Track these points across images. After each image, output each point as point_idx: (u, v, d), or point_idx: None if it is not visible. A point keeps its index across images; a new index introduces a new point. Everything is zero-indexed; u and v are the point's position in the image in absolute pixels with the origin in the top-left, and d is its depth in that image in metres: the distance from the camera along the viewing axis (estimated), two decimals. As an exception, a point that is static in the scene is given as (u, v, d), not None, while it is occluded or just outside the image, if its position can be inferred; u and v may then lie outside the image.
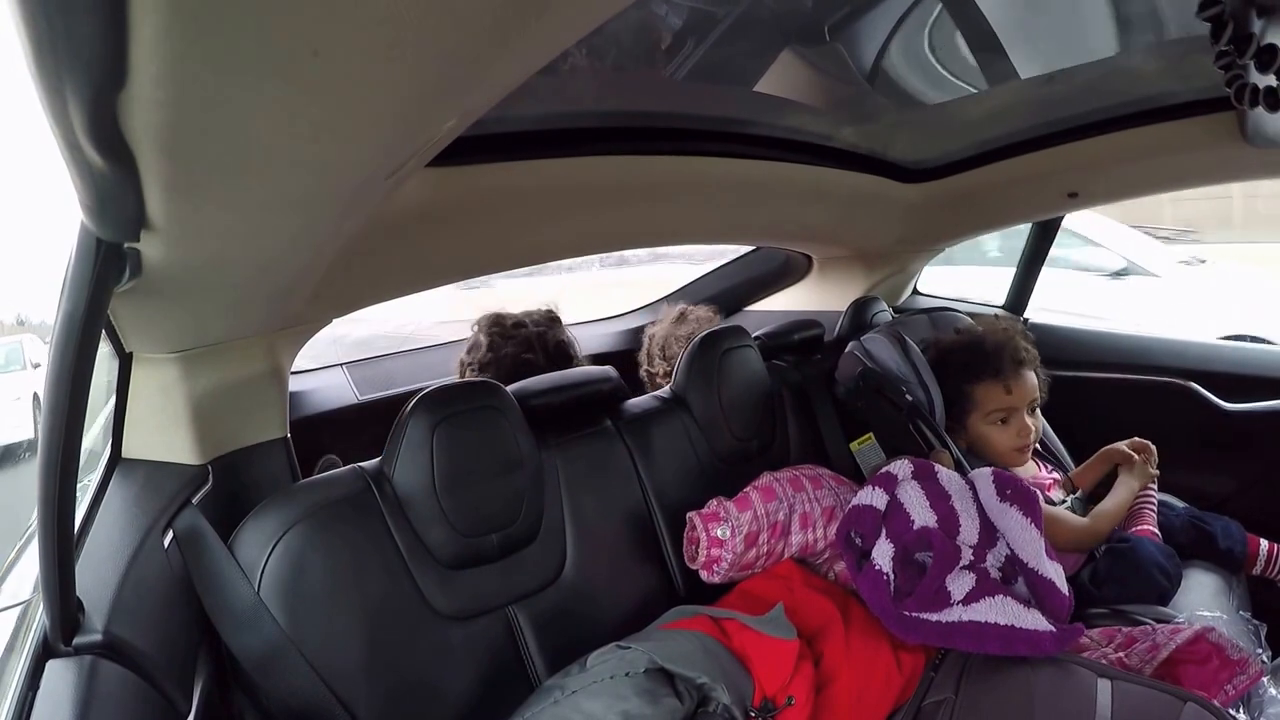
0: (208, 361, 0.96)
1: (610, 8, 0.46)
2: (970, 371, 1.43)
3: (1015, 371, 1.41)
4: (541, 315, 1.52)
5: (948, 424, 1.47)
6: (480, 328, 1.49)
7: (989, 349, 1.43)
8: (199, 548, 0.89)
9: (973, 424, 1.44)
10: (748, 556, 1.15)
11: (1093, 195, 1.68)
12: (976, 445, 1.45)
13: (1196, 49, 1.06)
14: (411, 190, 0.95)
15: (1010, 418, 1.41)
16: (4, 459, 4.89)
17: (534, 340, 1.45)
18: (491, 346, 1.44)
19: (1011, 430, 1.41)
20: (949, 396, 1.47)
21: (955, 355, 1.47)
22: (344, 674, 0.90)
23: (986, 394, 1.41)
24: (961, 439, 1.46)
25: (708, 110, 1.30)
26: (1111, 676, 0.96)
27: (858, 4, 1.12)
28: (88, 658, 0.68)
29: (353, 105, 0.46)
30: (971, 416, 1.44)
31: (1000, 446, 1.42)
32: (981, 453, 1.44)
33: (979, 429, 1.44)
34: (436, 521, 0.99)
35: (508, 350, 1.42)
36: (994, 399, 1.41)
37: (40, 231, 3.39)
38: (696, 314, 1.78)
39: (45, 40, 0.34)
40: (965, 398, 1.44)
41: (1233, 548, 1.41)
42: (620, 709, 0.84)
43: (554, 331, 1.49)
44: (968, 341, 1.48)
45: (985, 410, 1.42)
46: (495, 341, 1.44)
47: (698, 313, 1.79)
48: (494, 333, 1.46)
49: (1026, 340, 1.46)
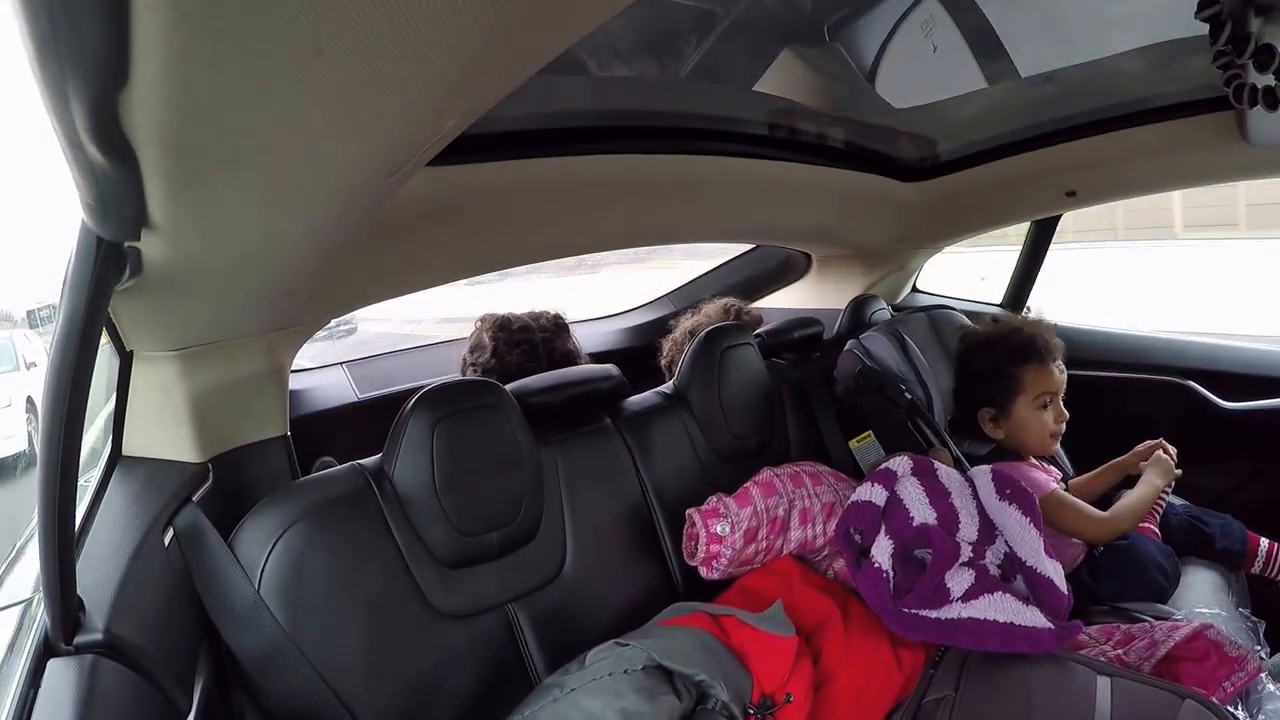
0: (208, 360, 0.96)
1: (613, 6, 0.46)
2: (1019, 355, 1.45)
3: (1057, 356, 1.45)
4: (549, 320, 1.50)
5: (991, 410, 1.48)
6: (485, 328, 1.47)
7: (1035, 334, 1.46)
8: (199, 546, 0.89)
9: (1019, 408, 1.45)
10: (746, 552, 1.15)
11: (1092, 194, 1.68)
12: (1017, 431, 1.46)
13: (1195, 49, 1.07)
14: (412, 189, 0.95)
15: (1051, 402, 1.44)
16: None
17: (539, 348, 1.43)
18: (496, 352, 1.42)
19: (1050, 415, 1.44)
20: (993, 383, 1.48)
21: (1003, 340, 1.49)
22: (344, 672, 0.90)
23: (1035, 377, 1.44)
24: (1001, 428, 1.47)
25: (708, 109, 1.30)
26: (1110, 674, 0.96)
27: (857, 4, 1.12)
28: (88, 657, 0.68)
29: (355, 105, 0.46)
30: (1019, 400, 1.45)
31: (1041, 431, 1.44)
32: (1022, 438, 1.46)
33: (1024, 413, 1.45)
34: (436, 520, 0.99)
35: (512, 358, 1.41)
36: (1042, 382, 1.44)
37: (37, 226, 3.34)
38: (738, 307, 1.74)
39: (48, 39, 0.34)
40: (1013, 381, 1.45)
41: (1231, 545, 1.42)
42: (619, 706, 0.84)
43: (561, 340, 1.48)
44: (1011, 328, 1.50)
45: (1034, 393, 1.44)
46: (500, 347, 1.43)
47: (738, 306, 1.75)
48: (499, 337, 1.44)
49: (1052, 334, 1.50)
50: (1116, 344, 1.93)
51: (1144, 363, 1.86)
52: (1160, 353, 1.86)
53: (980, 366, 1.51)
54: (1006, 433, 1.47)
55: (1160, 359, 1.85)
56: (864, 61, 1.24)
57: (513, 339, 1.44)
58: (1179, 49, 1.15)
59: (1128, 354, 1.89)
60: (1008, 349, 1.47)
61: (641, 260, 4.44)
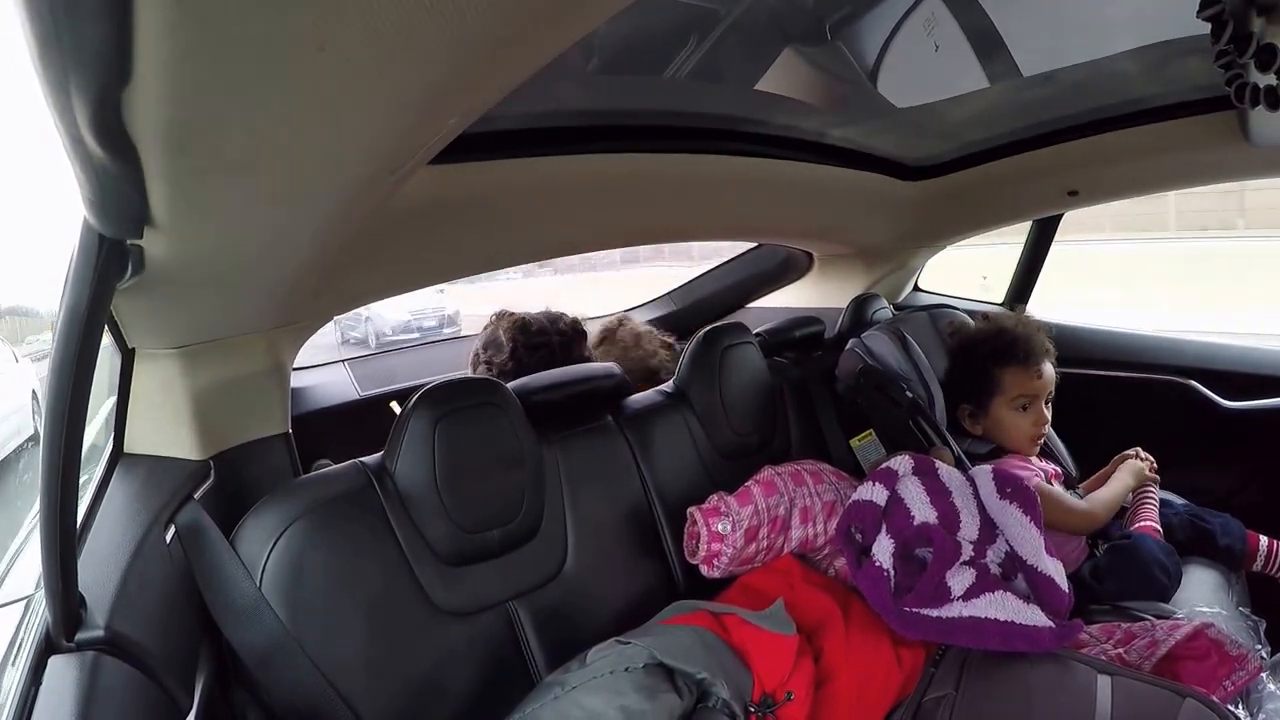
0: (210, 357, 0.96)
1: (614, 5, 0.46)
2: (1001, 356, 1.46)
3: (1041, 360, 1.45)
4: (567, 324, 1.49)
5: (969, 407, 1.49)
6: (502, 327, 1.46)
7: (1020, 336, 1.47)
8: (201, 543, 0.89)
9: (995, 408, 1.47)
10: (747, 551, 1.15)
11: (1093, 193, 1.68)
12: (995, 431, 1.48)
13: (1197, 49, 1.06)
14: (413, 187, 0.95)
15: (1031, 405, 1.45)
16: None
17: (557, 352, 1.43)
18: (515, 355, 1.41)
19: (1030, 418, 1.44)
20: (974, 381, 1.49)
21: (988, 340, 1.49)
22: (345, 669, 0.91)
23: (1014, 379, 1.45)
24: (979, 424, 1.49)
25: (709, 108, 1.30)
26: (1111, 672, 0.96)
27: (859, 2, 1.12)
28: (90, 654, 0.68)
29: (358, 102, 0.46)
30: (996, 400, 1.46)
31: (1018, 433, 1.45)
32: (999, 438, 1.48)
33: (1000, 413, 1.46)
34: (438, 517, 0.99)
35: (530, 362, 1.39)
36: (1020, 384, 1.44)
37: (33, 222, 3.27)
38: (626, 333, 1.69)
39: (50, 36, 0.34)
40: (992, 381, 1.46)
41: (1232, 545, 1.42)
42: (619, 704, 0.84)
43: (578, 349, 1.48)
44: (999, 328, 1.51)
45: (1011, 395, 1.45)
46: (519, 350, 1.42)
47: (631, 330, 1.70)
48: (518, 340, 1.43)
49: (1047, 335, 1.50)
50: (1116, 343, 1.93)
51: (1144, 362, 1.86)
52: (1160, 352, 1.86)
53: (962, 364, 1.52)
54: (984, 430, 1.49)
55: (1160, 358, 1.85)
56: (866, 60, 1.24)
57: (532, 342, 1.43)
58: (1181, 48, 1.15)
59: (1128, 353, 1.89)
60: (989, 349, 1.48)
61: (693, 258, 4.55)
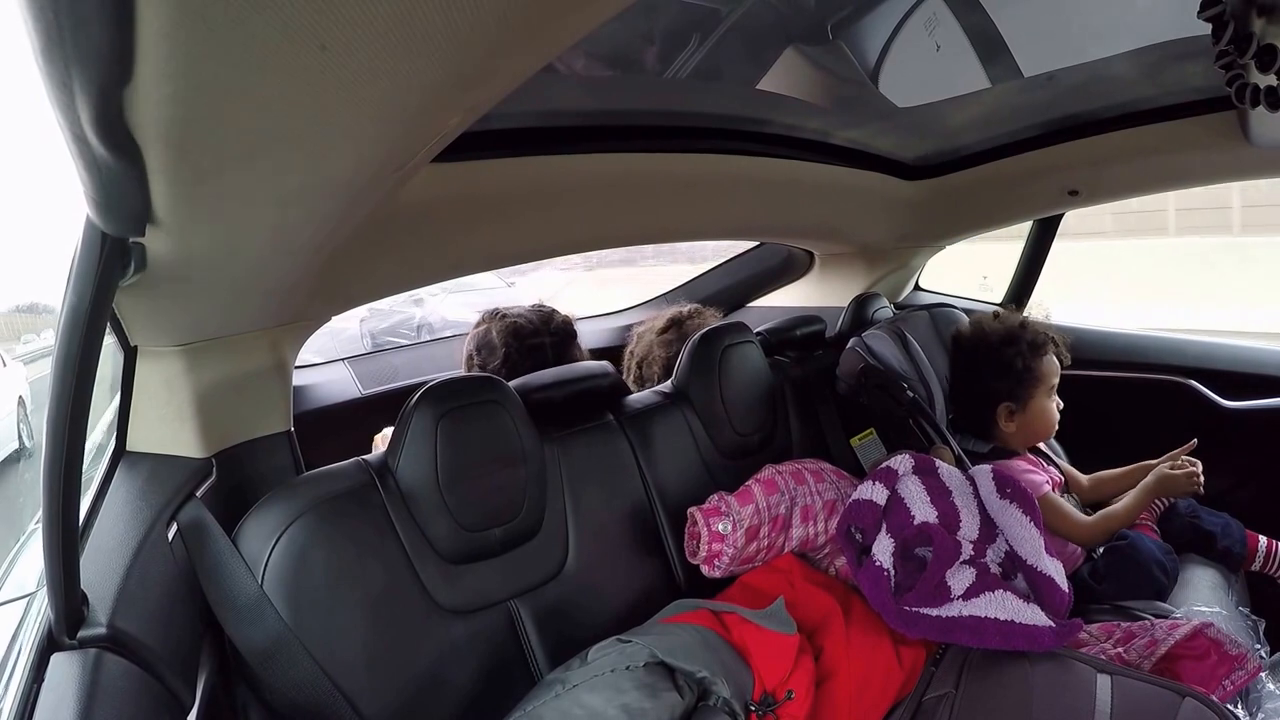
0: (212, 355, 0.96)
1: (616, 3, 0.46)
2: (1037, 347, 1.49)
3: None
4: (559, 325, 1.49)
5: (1011, 405, 1.50)
6: (495, 328, 1.46)
7: (1040, 327, 1.51)
8: (203, 541, 0.89)
9: (1037, 398, 1.49)
10: (748, 550, 1.15)
11: (1094, 193, 1.68)
12: (1034, 423, 1.50)
13: (1197, 49, 1.06)
14: (416, 185, 0.95)
15: (1054, 391, 1.49)
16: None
17: (549, 354, 1.43)
18: (508, 359, 1.42)
19: (1054, 403, 1.49)
20: (1017, 376, 1.49)
21: (1016, 336, 1.51)
22: (346, 667, 0.91)
23: (1049, 367, 1.49)
24: (1014, 421, 1.49)
25: (710, 108, 1.30)
26: (1110, 671, 0.96)
27: (861, 2, 1.12)
28: (92, 651, 0.68)
29: (359, 101, 0.46)
30: (1038, 390, 1.49)
31: (1051, 420, 1.50)
32: (1036, 429, 1.50)
33: (1041, 403, 1.49)
34: (439, 515, 1.00)
35: (524, 365, 1.40)
36: (1052, 370, 1.49)
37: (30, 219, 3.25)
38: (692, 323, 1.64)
39: (53, 35, 0.34)
40: (1032, 373, 1.48)
41: (1231, 544, 1.42)
42: (620, 702, 0.84)
43: (570, 350, 1.48)
44: (1018, 322, 1.53)
45: (1049, 383, 1.49)
46: (512, 354, 1.42)
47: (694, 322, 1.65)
48: (511, 344, 1.43)
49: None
50: (1117, 343, 1.92)
51: (1144, 362, 1.86)
52: (1160, 351, 1.86)
53: (1003, 361, 1.51)
54: (1019, 425, 1.49)
55: (1160, 358, 1.85)
56: (867, 60, 1.24)
57: (525, 346, 1.43)
58: (1181, 49, 1.15)
59: (1128, 353, 1.89)
60: (1028, 343, 1.49)
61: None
